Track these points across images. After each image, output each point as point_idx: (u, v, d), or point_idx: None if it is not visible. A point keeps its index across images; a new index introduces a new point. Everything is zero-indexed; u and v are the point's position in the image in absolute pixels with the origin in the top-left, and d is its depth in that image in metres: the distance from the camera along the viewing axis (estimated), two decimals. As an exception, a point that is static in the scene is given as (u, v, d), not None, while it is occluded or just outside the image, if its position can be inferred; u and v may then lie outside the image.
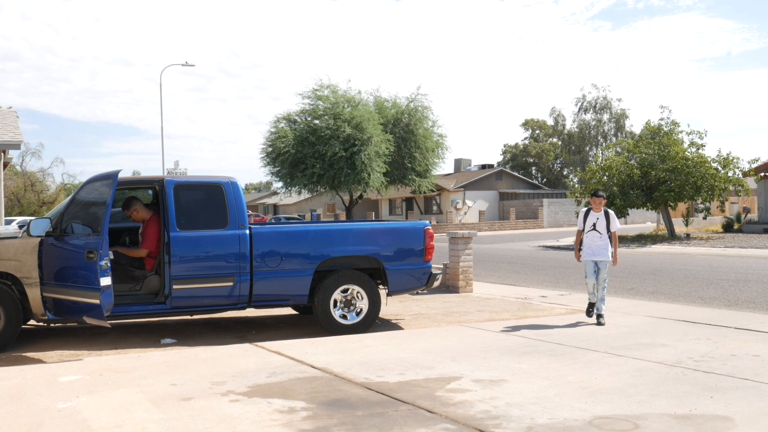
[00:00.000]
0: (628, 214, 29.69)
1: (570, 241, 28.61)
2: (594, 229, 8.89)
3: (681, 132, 28.73)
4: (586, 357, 6.66)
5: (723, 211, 30.40)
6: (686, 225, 32.97)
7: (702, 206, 29.14)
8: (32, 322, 8.40)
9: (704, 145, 27.98)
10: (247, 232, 8.23)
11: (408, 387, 5.61)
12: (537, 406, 4.98)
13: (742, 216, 34.21)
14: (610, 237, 8.86)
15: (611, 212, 8.98)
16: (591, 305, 8.91)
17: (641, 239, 28.23)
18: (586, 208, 9.12)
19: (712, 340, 7.38)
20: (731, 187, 27.92)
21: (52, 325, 8.62)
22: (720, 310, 9.89)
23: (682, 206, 32.56)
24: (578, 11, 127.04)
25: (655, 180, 27.56)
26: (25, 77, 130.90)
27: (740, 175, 28.13)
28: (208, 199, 8.33)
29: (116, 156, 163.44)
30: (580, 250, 9.17)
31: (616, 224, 8.95)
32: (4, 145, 13.97)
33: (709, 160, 27.29)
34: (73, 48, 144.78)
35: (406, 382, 5.76)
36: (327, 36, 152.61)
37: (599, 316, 8.72)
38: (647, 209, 29.31)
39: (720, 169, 27.30)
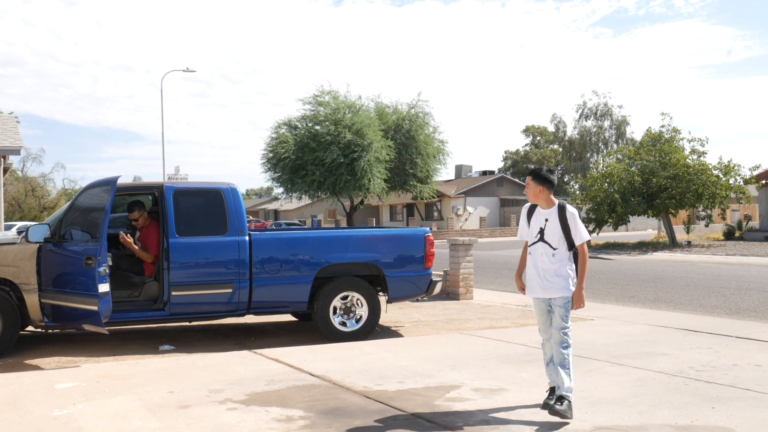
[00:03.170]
0: (629, 221, 29.66)
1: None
2: (541, 239, 5.09)
3: (682, 139, 28.80)
4: (587, 366, 6.61)
5: (724, 218, 30.45)
6: (687, 232, 32.93)
7: (703, 214, 29.15)
8: (30, 328, 8.35)
9: (705, 153, 28.04)
10: (247, 238, 8.20)
11: (407, 395, 5.57)
12: (537, 416, 4.94)
13: (744, 223, 34.19)
14: (573, 255, 5.04)
15: (571, 209, 5.08)
16: (552, 390, 4.98)
17: (642, 246, 28.19)
18: (530, 204, 5.34)
19: (714, 350, 7.34)
20: (732, 195, 27.96)
21: (50, 331, 8.59)
22: (721, 319, 9.84)
23: (683, 213, 32.52)
24: (579, 18, 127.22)
25: (656, 187, 27.56)
26: (26, 83, 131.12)
27: (741, 183, 28.16)
28: (208, 206, 8.31)
29: (117, 161, 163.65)
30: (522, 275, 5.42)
31: (582, 232, 5.01)
32: (3, 150, 13.98)
33: (711, 167, 27.34)
34: (75, 53, 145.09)
35: (405, 391, 5.72)
36: (328, 42, 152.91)
37: (560, 399, 4.75)
38: (648, 216, 29.31)
39: (721, 176, 27.36)
